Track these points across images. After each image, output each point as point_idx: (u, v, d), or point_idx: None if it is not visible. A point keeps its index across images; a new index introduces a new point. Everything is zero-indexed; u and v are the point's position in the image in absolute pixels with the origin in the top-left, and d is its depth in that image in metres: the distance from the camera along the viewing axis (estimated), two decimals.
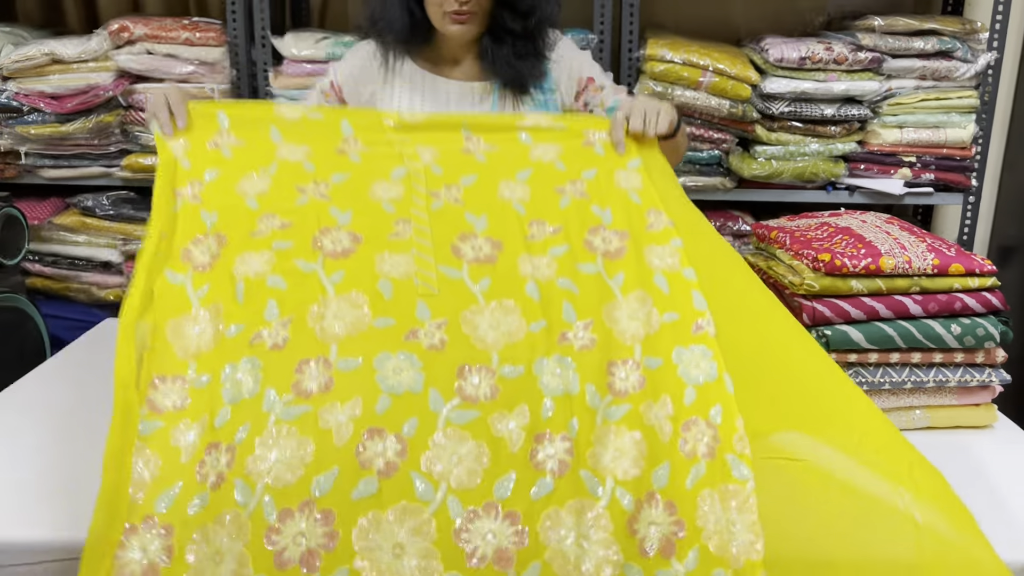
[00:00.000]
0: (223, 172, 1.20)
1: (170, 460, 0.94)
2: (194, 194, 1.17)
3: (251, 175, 1.20)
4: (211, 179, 1.19)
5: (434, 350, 1.01)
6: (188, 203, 1.16)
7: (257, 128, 1.26)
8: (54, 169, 2.46)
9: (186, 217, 1.15)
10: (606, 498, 0.95)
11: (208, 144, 1.23)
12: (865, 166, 2.35)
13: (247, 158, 1.22)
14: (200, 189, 1.18)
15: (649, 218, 1.21)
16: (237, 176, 1.20)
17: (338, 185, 1.19)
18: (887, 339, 1.26)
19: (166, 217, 1.15)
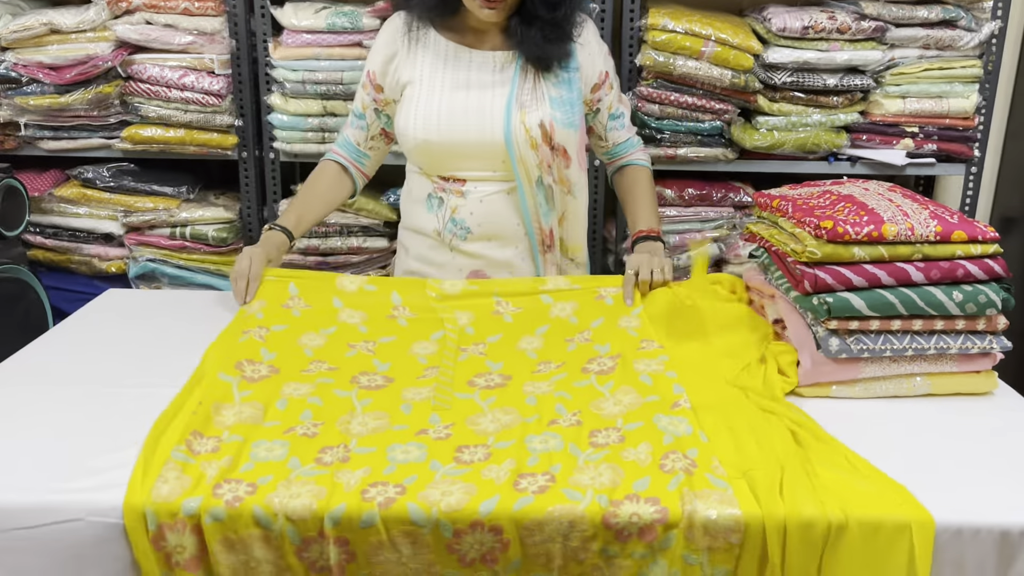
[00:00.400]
0: (290, 327, 1.43)
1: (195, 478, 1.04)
2: (260, 335, 1.39)
3: (312, 333, 1.42)
4: (278, 329, 1.42)
5: (440, 440, 1.15)
6: (253, 339, 1.38)
7: (321, 296, 1.51)
8: (54, 141, 2.45)
9: (247, 347, 1.36)
10: (585, 502, 1.01)
11: (282, 305, 1.48)
12: (867, 137, 2.34)
13: (313, 319, 1.46)
14: (266, 333, 1.40)
15: (642, 344, 1.40)
16: (301, 332, 1.42)
17: (384, 344, 1.41)
18: (889, 306, 1.26)
19: (228, 345, 1.36)
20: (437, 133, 1.63)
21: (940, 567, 1.01)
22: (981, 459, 1.15)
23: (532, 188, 1.65)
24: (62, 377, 1.32)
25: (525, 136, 1.62)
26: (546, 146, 1.63)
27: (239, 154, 2.49)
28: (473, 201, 1.67)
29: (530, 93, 1.64)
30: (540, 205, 1.67)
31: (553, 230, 1.71)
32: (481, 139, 1.63)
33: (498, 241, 1.70)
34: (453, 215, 1.68)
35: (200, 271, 2.54)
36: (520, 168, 1.63)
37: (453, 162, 1.67)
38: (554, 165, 1.65)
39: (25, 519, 0.98)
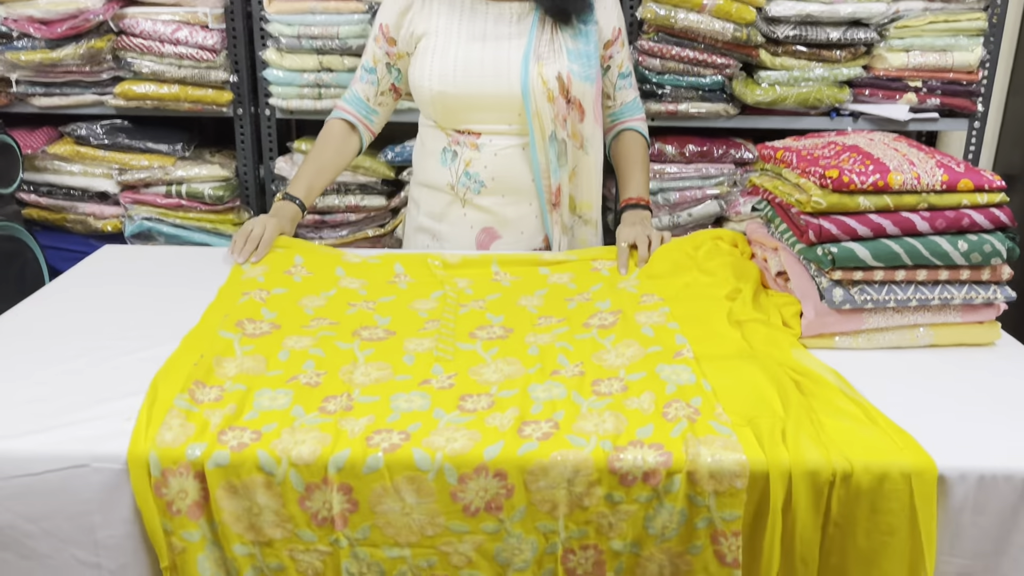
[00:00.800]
0: (291, 291, 1.44)
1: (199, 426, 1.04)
2: (260, 297, 1.41)
3: (312, 296, 1.43)
4: (279, 292, 1.43)
5: (443, 389, 1.14)
6: (253, 300, 1.39)
7: (325, 266, 1.53)
8: (46, 97, 2.42)
9: (247, 307, 1.36)
10: (589, 448, 1.01)
11: (284, 271, 1.51)
12: (870, 91, 2.32)
13: (313, 284, 1.48)
14: (267, 295, 1.41)
15: (642, 298, 1.42)
16: (301, 295, 1.43)
17: (384, 302, 1.42)
18: (893, 256, 1.25)
19: (227, 306, 1.36)
20: (453, 85, 1.62)
21: (945, 512, 1.02)
22: (985, 408, 1.15)
23: (544, 143, 1.63)
24: (61, 331, 1.31)
25: (542, 88, 1.60)
26: (562, 99, 1.62)
27: (234, 111, 2.46)
28: (488, 154, 1.66)
29: (547, 45, 1.62)
30: (551, 161, 1.65)
31: (561, 187, 1.69)
32: (497, 91, 1.61)
33: (511, 197, 1.69)
34: (467, 168, 1.67)
35: (197, 230, 2.52)
36: (535, 121, 1.62)
37: (469, 114, 1.65)
38: (569, 119, 1.64)
39: (31, 466, 0.98)
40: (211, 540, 1.02)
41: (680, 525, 1.01)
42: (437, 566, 1.03)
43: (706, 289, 1.45)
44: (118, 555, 1.01)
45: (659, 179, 2.41)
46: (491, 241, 1.72)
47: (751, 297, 1.40)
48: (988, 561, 1.03)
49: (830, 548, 1.03)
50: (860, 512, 1.01)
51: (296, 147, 2.48)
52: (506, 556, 1.02)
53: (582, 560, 1.03)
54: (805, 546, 1.02)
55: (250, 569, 1.02)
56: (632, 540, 1.03)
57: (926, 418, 1.10)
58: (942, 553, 1.03)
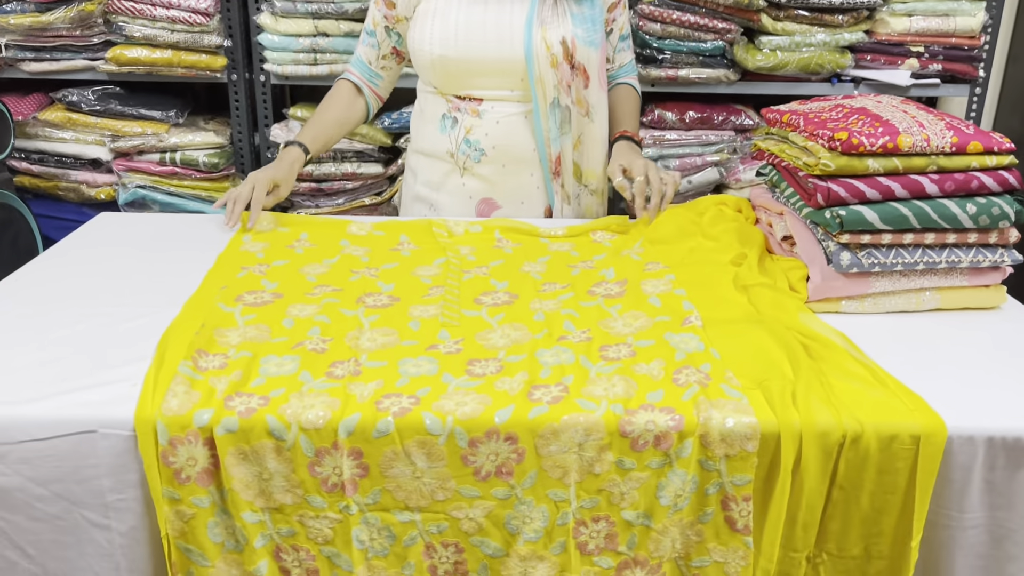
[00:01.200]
0: (292, 262, 1.43)
1: (205, 393, 1.03)
2: (260, 270, 1.38)
3: (315, 264, 1.42)
4: (279, 264, 1.41)
5: (451, 354, 1.14)
6: (252, 274, 1.37)
7: (330, 238, 1.53)
8: (36, 63, 2.38)
9: (247, 281, 1.34)
10: (600, 411, 1.01)
11: (287, 246, 1.49)
12: (872, 57, 2.31)
13: (316, 254, 1.46)
14: (267, 269, 1.39)
15: (647, 266, 1.40)
16: (303, 263, 1.42)
17: (387, 269, 1.41)
18: (902, 219, 1.25)
19: (226, 278, 1.34)
20: (455, 49, 1.58)
21: (950, 470, 1.02)
22: (992, 370, 1.15)
23: (547, 109, 1.61)
24: (61, 297, 1.29)
25: (546, 53, 1.57)
26: (566, 64, 1.59)
27: (228, 76, 2.43)
28: (489, 122, 1.63)
29: (551, 9, 1.59)
30: (551, 129, 1.63)
31: (562, 156, 1.66)
32: (500, 56, 1.58)
33: (512, 166, 1.66)
34: (467, 135, 1.64)
35: (192, 198, 2.50)
36: (538, 88, 1.59)
37: (470, 80, 1.62)
38: (573, 85, 1.61)
39: (39, 431, 0.97)
40: (221, 507, 1.02)
41: (691, 493, 1.01)
42: (447, 532, 1.03)
43: (711, 255, 1.44)
44: (128, 517, 1.01)
45: (659, 146, 2.39)
46: (491, 211, 1.70)
47: (757, 262, 1.39)
48: (996, 514, 1.04)
49: (832, 512, 1.04)
50: (867, 475, 1.02)
51: (292, 114, 2.45)
52: (516, 524, 1.02)
53: (593, 534, 1.03)
54: (809, 511, 1.02)
55: (260, 537, 1.02)
56: (644, 510, 1.03)
57: (933, 380, 1.10)
58: (949, 509, 1.04)
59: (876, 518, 1.03)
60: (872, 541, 1.05)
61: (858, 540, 1.05)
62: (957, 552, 1.06)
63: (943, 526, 1.05)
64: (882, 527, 1.04)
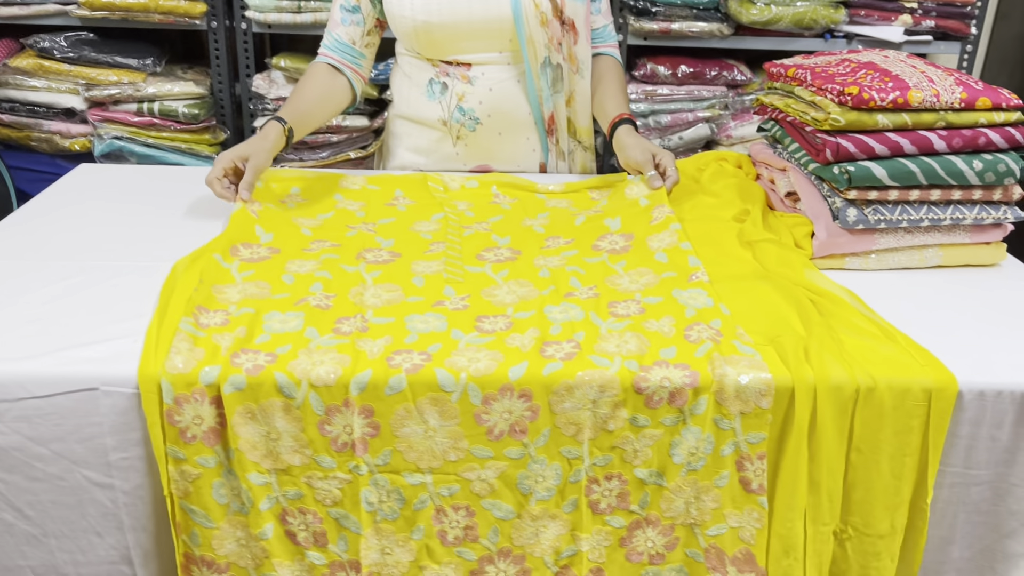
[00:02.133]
0: (285, 209, 1.39)
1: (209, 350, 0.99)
2: (253, 211, 1.32)
3: (308, 217, 1.38)
4: (272, 207, 1.37)
5: (458, 310, 1.11)
6: (247, 213, 1.30)
7: (323, 192, 1.48)
8: (5, 7, 2.28)
9: (241, 223, 1.28)
10: (614, 368, 1.00)
11: (279, 201, 1.43)
12: (865, 12, 2.29)
13: (309, 208, 1.42)
14: (260, 208, 1.34)
15: (653, 214, 1.35)
16: (296, 214, 1.38)
17: (384, 224, 1.38)
18: (909, 175, 1.24)
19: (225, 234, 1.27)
20: (438, 14, 1.49)
21: (958, 426, 1.03)
22: (998, 325, 1.16)
23: (538, 69, 1.55)
24: (51, 252, 1.25)
25: (535, 11, 1.50)
26: (556, 20, 1.53)
27: (208, 24, 2.34)
28: (482, 89, 1.56)
29: None
30: (543, 88, 1.57)
31: (556, 114, 1.62)
32: (487, 16, 1.50)
33: (509, 133, 1.61)
34: (460, 103, 1.57)
35: (171, 150, 2.43)
36: (528, 48, 1.52)
37: (456, 44, 1.54)
38: (564, 41, 1.55)
39: (38, 388, 0.94)
40: (227, 467, 0.99)
41: (707, 454, 1.01)
42: (459, 494, 1.01)
43: (713, 211, 1.43)
44: (132, 476, 0.98)
45: (650, 101, 2.36)
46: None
47: (760, 218, 1.38)
48: (1000, 470, 1.06)
49: (854, 479, 1.03)
50: (883, 435, 1.01)
51: (274, 63, 2.38)
52: (529, 484, 1.01)
53: (606, 492, 1.03)
54: (831, 476, 1.02)
55: (265, 499, 1.00)
56: (657, 468, 1.02)
57: (940, 336, 1.11)
58: (956, 466, 1.05)
59: (896, 486, 1.03)
60: (896, 515, 1.04)
61: (884, 514, 1.04)
62: (960, 508, 1.07)
63: (949, 484, 1.06)
64: (903, 495, 1.04)
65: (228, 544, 1.02)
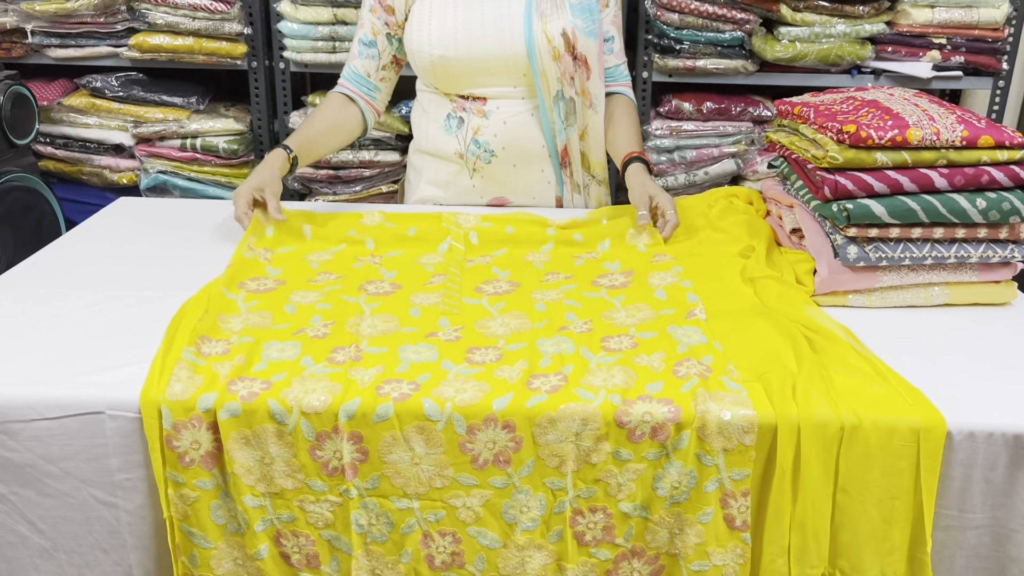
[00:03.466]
0: (298, 248, 1.44)
1: (208, 378, 1.04)
2: (265, 257, 1.39)
3: (320, 251, 1.44)
4: (284, 252, 1.42)
5: (450, 342, 1.15)
6: (258, 260, 1.38)
7: (341, 228, 1.52)
8: (61, 48, 2.42)
9: (252, 265, 1.36)
10: (597, 401, 1.01)
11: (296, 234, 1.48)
12: (892, 48, 2.28)
13: (323, 240, 1.47)
14: (271, 255, 1.40)
15: (655, 258, 1.40)
16: (308, 251, 1.43)
17: (391, 256, 1.42)
18: (910, 213, 1.24)
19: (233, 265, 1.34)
20: (455, 48, 1.56)
21: (950, 467, 1.02)
22: (998, 366, 1.14)
23: (551, 103, 1.60)
24: (78, 280, 1.32)
25: (548, 46, 1.55)
26: (568, 56, 1.57)
27: (248, 64, 2.45)
28: (496, 122, 1.62)
29: (549, 1, 1.57)
30: (556, 122, 1.62)
31: (569, 147, 1.66)
32: (501, 52, 1.57)
33: (523, 165, 1.65)
34: (476, 136, 1.63)
35: (211, 183, 2.53)
36: (541, 81, 1.57)
37: (472, 78, 1.60)
38: (576, 76, 1.60)
39: (50, 411, 1.00)
40: (223, 490, 1.04)
41: (690, 489, 1.02)
42: (445, 520, 1.04)
43: (719, 246, 1.44)
44: (135, 496, 1.03)
45: (675, 136, 2.38)
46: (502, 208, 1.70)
47: (764, 254, 1.39)
48: (997, 514, 1.04)
49: (841, 520, 1.02)
50: (870, 477, 1.01)
51: (310, 101, 2.47)
52: (514, 514, 1.03)
53: (591, 524, 1.04)
54: (817, 516, 1.01)
55: (260, 521, 1.04)
56: (641, 502, 1.03)
57: (938, 376, 1.10)
58: (950, 509, 1.04)
59: (886, 531, 1.02)
60: (887, 561, 1.03)
61: (873, 559, 1.03)
62: (958, 553, 1.06)
63: (943, 527, 1.04)
64: (894, 542, 1.02)
65: (225, 564, 1.06)
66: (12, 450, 1.01)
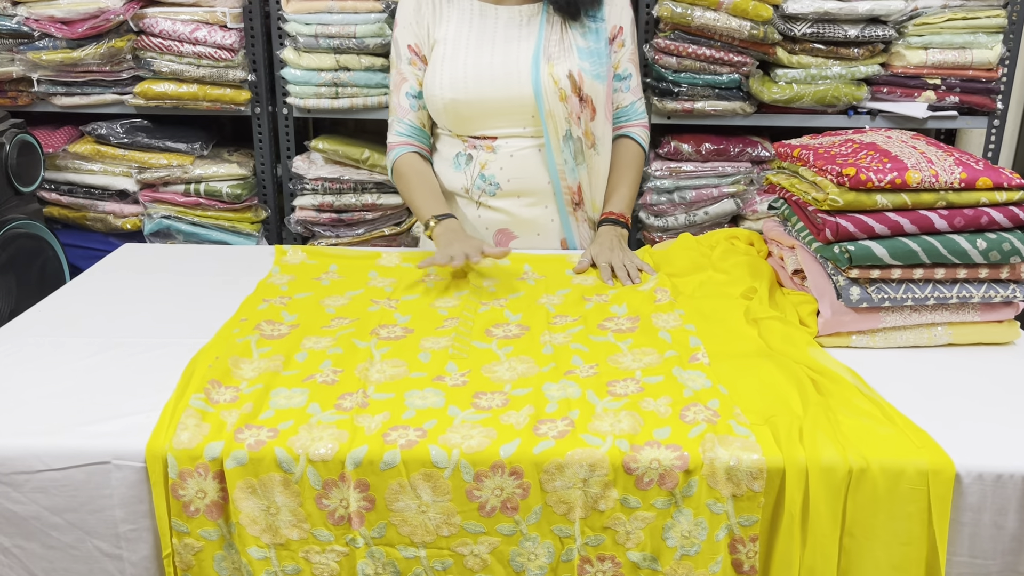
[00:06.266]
0: (315, 294, 1.46)
1: (215, 425, 1.05)
2: (282, 302, 1.41)
3: (337, 296, 1.45)
4: (300, 297, 1.44)
5: (457, 386, 1.15)
6: (274, 306, 1.40)
7: (359, 269, 1.56)
8: (67, 97, 2.45)
9: (267, 312, 1.37)
10: (605, 447, 1.01)
11: (313, 279, 1.52)
12: (888, 89, 2.31)
13: (341, 286, 1.49)
14: (288, 301, 1.42)
15: (656, 295, 1.42)
16: (325, 295, 1.45)
17: (407, 301, 1.44)
18: (911, 254, 1.25)
19: (248, 311, 1.37)
20: (464, 92, 1.61)
21: (960, 512, 1.01)
22: (1004, 407, 1.14)
23: (559, 143, 1.63)
24: (82, 328, 1.32)
25: (554, 88, 1.59)
26: (575, 97, 1.61)
27: (252, 110, 2.48)
28: (503, 156, 1.66)
29: (557, 44, 1.61)
30: (567, 161, 1.65)
31: (582, 186, 1.69)
32: (509, 94, 1.61)
33: (527, 198, 1.68)
34: (482, 171, 1.67)
35: (214, 228, 2.54)
36: (549, 122, 1.61)
37: (483, 120, 1.65)
38: (582, 117, 1.63)
39: (55, 461, 1.00)
40: (228, 541, 1.03)
41: (701, 541, 1.01)
42: (452, 569, 1.03)
43: (721, 287, 1.45)
44: (139, 547, 1.03)
45: (675, 177, 2.40)
46: (507, 241, 1.72)
47: (767, 296, 1.40)
48: (1007, 560, 1.03)
49: (847, 565, 1.01)
50: (878, 521, 1.00)
51: (313, 146, 2.49)
52: (521, 561, 1.02)
53: (599, 572, 1.03)
54: (824, 560, 1.00)
55: (264, 573, 1.03)
56: (651, 552, 1.02)
57: (944, 417, 1.10)
58: (961, 555, 1.03)
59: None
60: None
61: None
62: None
63: (955, 575, 1.03)
64: None
65: None
66: (16, 502, 1.01)
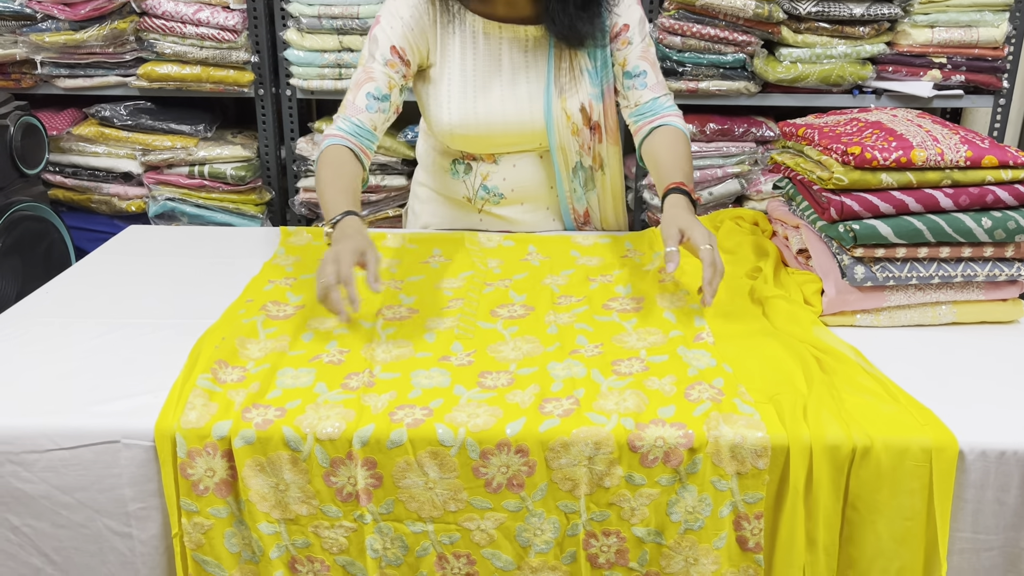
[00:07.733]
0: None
1: (223, 405, 1.05)
2: (287, 283, 1.42)
3: None
4: (306, 278, 1.43)
5: (462, 366, 1.16)
6: (279, 287, 1.40)
7: None
8: (70, 79, 2.44)
9: (273, 293, 1.38)
10: (610, 425, 1.02)
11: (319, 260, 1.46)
12: (893, 68, 2.30)
13: None
14: (293, 282, 1.42)
15: (661, 275, 1.42)
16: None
17: (413, 281, 1.43)
18: (916, 233, 1.25)
19: (254, 292, 1.38)
20: (475, 124, 1.56)
21: (963, 489, 1.02)
22: (1007, 384, 1.14)
23: (568, 173, 1.62)
24: (89, 310, 1.33)
25: (567, 123, 1.57)
26: (586, 128, 1.59)
27: (255, 91, 2.48)
28: (506, 167, 1.63)
29: (567, 74, 1.56)
30: (575, 191, 1.64)
31: (589, 209, 1.69)
32: (520, 128, 1.57)
33: (531, 203, 1.67)
34: (485, 182, 1.64)
35: (219, 210, 2.55)
36: (559, 156, 1.59)
37: (489, 147, 1.61)
38: (592, 144, 1.62)
39: (65, 440, 1.01)
40: (238, 518, 1.04)
41: (705, 517, 1.02)
42: (459, 543, 1.04)
43: (726, 267, 1.45)
44: (149, 526, 1.04)
45: None
46: None
47: (772, 275, 1.40)
48: (1009, 535, 1.04)
49: (849, 534, 1.03)
50: (880, 496, 1.01)
51: (317, 127, 2.49)
52: (527, 537, 1.04)
53: (604, 547, 1.04)
54: (827, 531, 1.01)
55: (275, 548, 1.04)
56: (655, 527, 1.03)
57: (947, 395, 1.10)
58: (964, 531, 1.03)
59: (896, 550, 1.02)
60: None
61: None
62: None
63: (958, 551, 1.04)
64: (904, 561, 1.02)
65: None
66: (27, 481, 1.02)
